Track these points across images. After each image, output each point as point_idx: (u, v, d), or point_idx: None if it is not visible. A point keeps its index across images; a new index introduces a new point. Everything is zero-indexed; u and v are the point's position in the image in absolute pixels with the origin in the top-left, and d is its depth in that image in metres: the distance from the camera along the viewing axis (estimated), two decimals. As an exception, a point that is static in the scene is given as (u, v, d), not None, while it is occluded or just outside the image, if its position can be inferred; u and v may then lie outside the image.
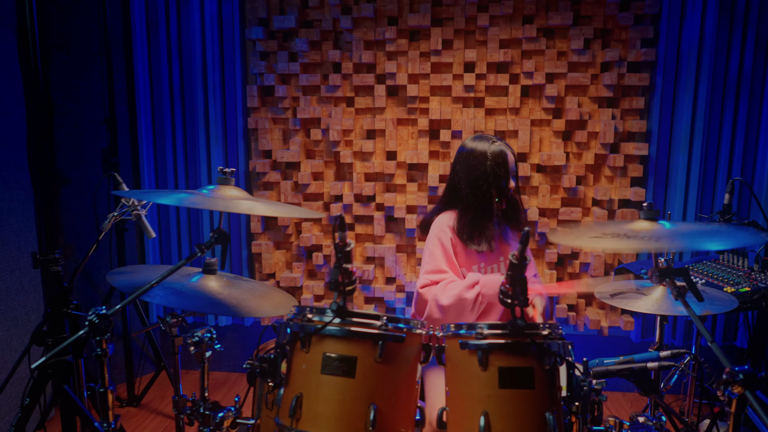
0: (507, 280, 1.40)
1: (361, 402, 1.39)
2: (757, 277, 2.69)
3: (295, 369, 1.46)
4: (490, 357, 1.40)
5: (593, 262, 3.23)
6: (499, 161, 2.13)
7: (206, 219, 3.47)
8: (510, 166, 2.15)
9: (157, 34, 3.34)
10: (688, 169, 3.15)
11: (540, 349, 1.40)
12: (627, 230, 1.51)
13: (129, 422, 3.09)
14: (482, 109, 3.22)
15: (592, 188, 3.25)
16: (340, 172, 3.40)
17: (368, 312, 1.48)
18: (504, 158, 2.14)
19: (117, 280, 1.76)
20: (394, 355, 1.44)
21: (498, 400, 1.39)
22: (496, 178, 2.13)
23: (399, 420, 1.45)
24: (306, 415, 1.40)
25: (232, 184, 1.57)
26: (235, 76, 3.34)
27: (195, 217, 3.49)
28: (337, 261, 1.39)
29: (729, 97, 3.10)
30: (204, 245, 1.51)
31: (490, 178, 2.12)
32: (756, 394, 1.18)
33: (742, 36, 3.06)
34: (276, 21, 3.21)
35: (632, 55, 3.08)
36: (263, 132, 3.36)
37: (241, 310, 1.75)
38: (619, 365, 1.71)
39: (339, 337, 1.42)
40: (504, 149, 2.15)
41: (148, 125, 3.42)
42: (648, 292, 1.91)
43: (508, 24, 3.12)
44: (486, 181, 2.12)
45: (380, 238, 3.39)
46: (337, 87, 3.26)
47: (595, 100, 3.16)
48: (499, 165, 2.13)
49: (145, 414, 3.17)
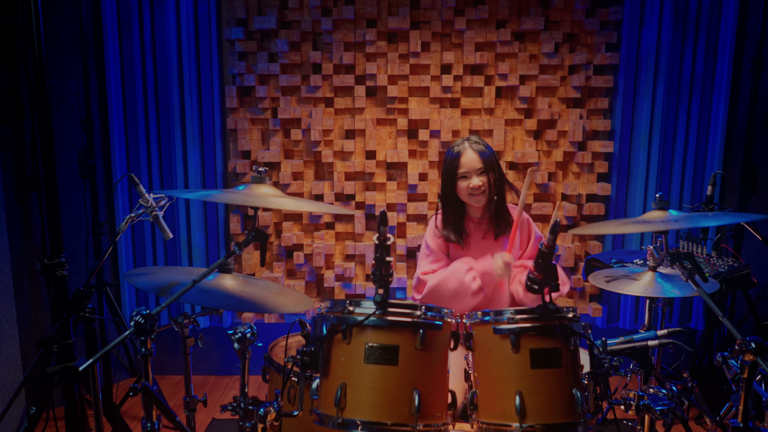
0: (535, 267, 1.51)
1: (404, 388, 1.46)
2: (716, 263, 2.94)
3: (335, 360, 1.52)
4: (521, 340, 1.51)
5: (564, 253, 3.42)
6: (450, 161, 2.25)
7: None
8: (467, 165, 2.22)
9: (130, 34, 3.27)
10: (648, 164, 3.39)
11: (566, 330, 1.52)
12: (643, 219, 1.65)
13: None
14: (458, 110, 3.34)
15: (561, 184, 3.44)
16: (320, 172, 3.44)
17: (406, 302, 1.55)
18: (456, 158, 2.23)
19: (138, 281, 1.75)
20: (432, 343, 1.52)
21: (530, 380, 1.50)
22: (451, 179, 2.26)
23: (436, 404, 1.53)
24: (351, 404, 1.46)
25: (266, 182, 1.60)
26: (212, 76, 3.32)
27: (169, 210, 3.44)
28: (380, 254, 1.45)
29: (683, 98, 3.35)
30: (242, 243, 1.53)
31: (449, 178, 2.26)
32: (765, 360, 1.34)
33: (694, 41, 3.32)
34: (256, 21, 3.21)
35: (598, 59, 3.29)
36: (242, 132, 3.35)
37: (267, 306, 1.78)
38: (621, 345, 1.86)
39: (381, 327, 1.48)
40: (461, 149, 2.24)
41: (120, 126, 3.34)
42: (639, 278, 2.08)
43: (483, 28, 3.26)
44: (448, 182, 2.26)
45: (360, 236, 3.45)
46: (318, 87, 3.30)
47: (563, 100, 3.35)
48: (449, 167, 2.25)
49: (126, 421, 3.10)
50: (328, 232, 3.45)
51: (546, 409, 1.48)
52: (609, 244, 3.50)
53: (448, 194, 2.29)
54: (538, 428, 1.47)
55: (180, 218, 3.41)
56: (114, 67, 3.27)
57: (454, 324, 1.63)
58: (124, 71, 3.31)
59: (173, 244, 3.45)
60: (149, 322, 1.39)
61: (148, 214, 1.77)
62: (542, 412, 1.48)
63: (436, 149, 3.35)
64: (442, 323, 1.53)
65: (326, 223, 3.44)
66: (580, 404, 1.48)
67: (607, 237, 3.49)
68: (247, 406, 1.50)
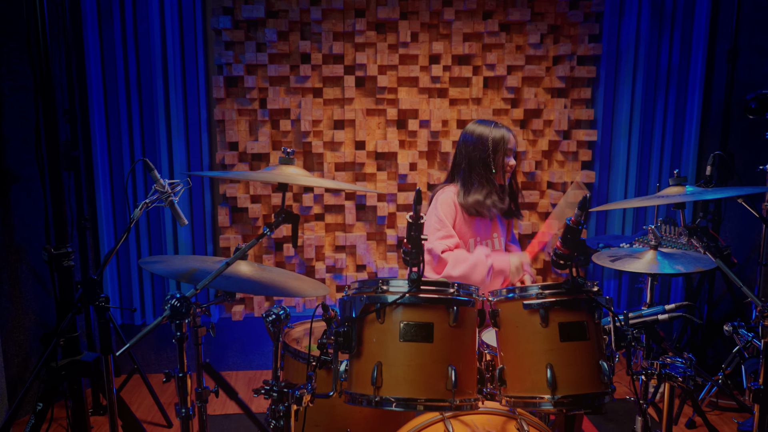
0: (563, 243, 1.55)
1: (440, 364, 1.48)
2: (697, 244, 3.05)
3: (367, 340, 1.52)
4: (550, 314, 1.54)
5: (551, 240, 3.49)
6: (499, 143, 2.36)
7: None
8: (512, 144, 2.41)
9: (111, 22, 3.18)
10: (628, 152, 3.50)
11: (592, 303, 1.56)
12: (662, 195, 1.71)
13: (100, 430, 2.94)
14: (447, 100, 3.38)
15: (547, 172, 3.51)
16: (310, 163, 3.42)
17: (438, 280, 1.57)
18: (504, 140, 2.38)
19: (155, 268, 1.71)
20: (465, 319, 1.54)
21: (560, 353, 1.54)
22: (495, 158, 2.38)
23: (469, 381, 1.55)
24: (388, 382, 1.46)
25: (294, 164, 1.59)
26: (197, 66, 3.25)
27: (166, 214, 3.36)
28: (414, 233, 1.46)
29: (661, 87, 3.48)
30: (273, 224, 1.52)
31: (498, 152, 2.38)
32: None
33: (670, 33, 3.45)
34: (244, 10, 3.17)
35: (581, 50, 3.37)
36: (230, 123, 3.30)
37: (290, 291, 1.77)
38: (632, 320, 1.92)
39: (416, 304, 1.49)
40: (505, 133, 2.37)
41: (102, 118, 3.24)
42: (641, 256, 2.16)
43: (471, 19, 3.30)
44: (494, 155, 2.37)
45: (350, 227, 3.45)
46: (306, 77, 3.28)
47: (549, 90, 3.43)
48: (499, 146, 2.37)
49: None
50: (318, 224, 3.43)
51: (576, 381, 1.52)
52: (592, 230, 3.60)
53: (488, 167, 2.37)
54: (568, 399, 1.51)
55: (165, 211, 3.33)
56: (95, 57, 3.17)
57: (481, 302, 1.65)
58: (105, 61, 3.21)
59: (158, 237, 3.37)
60: (185, 305, 1.36)
61: (164, 200, 1.72)
62: (572, 384, 1.52)
63: (425, 139, 3.38)
64: (474, 300, 1.56)
65: (316, 214, 3.42)
66: (607, 375, 1.53)
67: (591, 224, 3.59)
68: (281, 388, 1.48)
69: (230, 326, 3.56)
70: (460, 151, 2.45)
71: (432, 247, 2.33)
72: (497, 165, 2.39)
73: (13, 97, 2.92)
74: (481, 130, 2.41)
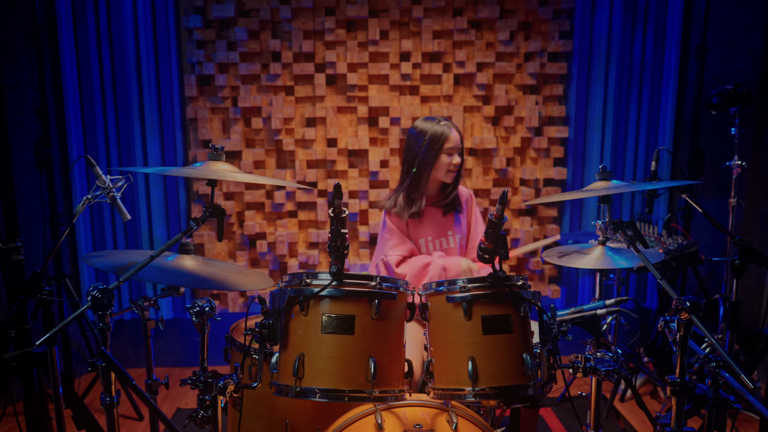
0: (486, 237, 1.56)
1: (361, 356, 1.50)
2: (666, 241, 3.06)
3: (293, 333, 1.55)
4: (473, 307, 1.56)
5: (523, 236, 3.51)
6: (437, 139, 2.34)
7: (142, 198, 3.40)
8: (453, 143, 2.36)
9: (85, 22, 3.23)
10: (602, 148, 3.50)
11: (516, 297, 1.58)
12: (588, 189, 1.72)
13: (71, 424, 2.99)
14: (418, 97, 3.39)
15: (519, 169, 3.52)
16: (282, 160, 3.46)
17: (361, 273, 1.59)
18: (444, 136, 2.35)
19: (97, 262, 1.75)
20: (388, 313, 1.56)
21: (482, 346, 1.55)
22: (432, 155, 2.35)
23: (392, 372, 1.58)
24: (309, 373, 1.49)
25: (222, 159, 1.62)
26: (170, 65, 3.30)
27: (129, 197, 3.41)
28: (335, 226, 1.49)
29: (634, 84, 3.48)
30: (200, 219, 1.55)
31: (433, 151, 2.34)
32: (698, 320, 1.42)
33: (643, 30, 3.44)
34: (214, 10, 3.21)
35: (552, 46, 3.38)
36: (202, 121, 3.34)
37: (228, 284, 1.80)
38: (571, 315, 1.93)
39: (338, 297, 1.52)
40: (446, 129, 2.36)
41: (77, 116, 3.30)
42: (589, 252, 2.16)
43: (441, 16, 3.32)
44: (429, 154, 2.34)
45: (323, 224, 3.48)
46: (278, 76, 3.31)
47: (520, 87, 3.44)
48: (437, 142, 2.34)
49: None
50: (291, 221, 3.47)
51: (497, 373, 1.54)
52: (567, 226, 3.60)
53: (425, 167, 2.36)
54: (489, 391, 1.53)
55: (141, 209, 3.38)
56: (69, 56, 3.23)
57: (410, 296, 1.67)
58: (80, 60, 3.26)
59: (134, 235, 3.42)
60: (106, 297, 1.40)
61: (105, 195, 1.76)
62: (493, 376, 1.54)
63: (397, 136, 3.40)
64: (397, 293, 1.58)
65: (289, 211, 3.46)
66: (530, 368, 1.55)
67: (564, 220, 3.60)
68: (206, 378, 1.51)
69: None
70: (404, 147, 2.44)
71: (387, 260, 2.36)
72: (436, 160, 2.35)
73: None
74: (423, 126, 2.37)
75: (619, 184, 1.69)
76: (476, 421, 1.73)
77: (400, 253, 2.35)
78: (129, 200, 3.39)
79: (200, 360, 1.56)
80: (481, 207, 3.50)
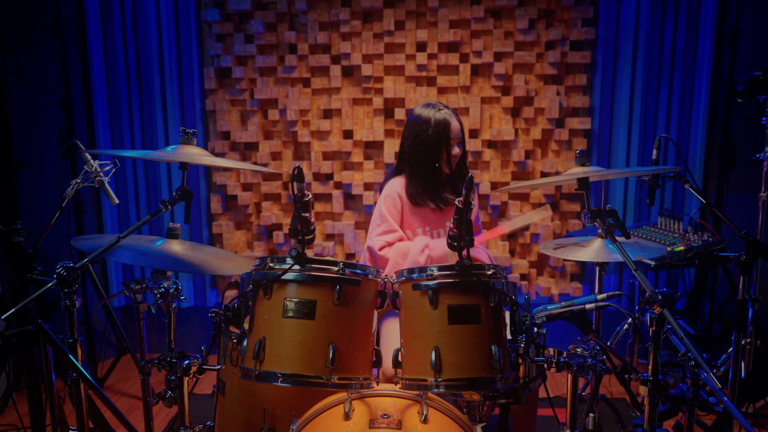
0: (453, 224, 1.51)
1: (321, 341, 1.49)
2: (691, 238, 2.90)
3: (258, 317, 1.55)
4: (440, 296, 1.52)
5: (543, 232, 3.40)
6: (441, 128, 2.26)
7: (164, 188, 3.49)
8: (454, 133, 2.28)
9: (111, 16, 3.34)
10: (629, 141, 3.35)
11: (485, 287, 1.52)
12: (565, 175, 1.65)
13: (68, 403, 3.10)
14: (434, 88, 3.34)
15: (540, 162, 3.41)
16: (298, 152, 3.48)
17: (326, 258, 1.58)
18: (446, 125, 2.27)
19: (82, 244, 1.81)
20: (351, 299, 1.54)
21: (447, 335, 1.51)
22: (437, 144, 2.28)
23: (357, 360, 1.55)
24: (269, 357, 1.49)
25: (194, 143, 1.64)
26: (191, 58, 3.37)
27: (153, 186, 3.51)
28: (296, 210, 1.48)
29: (664, 73, 3.30)
30: (168, 202, 1.58)
31: (431, 144, 2.26)
32: (672, 313, 1.33)
33: (675, 16, 3.26)
34: (232, 3, 3.26)
35: (574, 34, 3.25)
36: (221, 113, 3.41)
37: (205, 269, 1.82)
38: (560, 309, 1.85)
39: (299, 282, 1.51)
40: (448, 117, 2.28)
41: (104, 108, 3.42)
42: (587, 245, 2.07)
43: (457, 5, 3.25)
44: (428, 147, 2.27)
45: (339, 215, 3.48)
46: (294, 68, 3.33)
47: (540, 77, 3.33)
48: (441, 132, 2.27)
49: (109, 395, 3.18)
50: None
51: (462, 364, 1.49)
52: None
53: (434, 158, 2.29)
54: (452, 382, 1.48)
55: (163, 197, 3.48)
56: (97, 50, 3.35)
57: (381, 283, 1.64)
58: (107, 54, 3.39)
59: (156, 225, 3.52)
60: (72, 275, 1.44)
61: (93, 179, 1.82)
62: (458, 367, 1.49)
63: (413, 128, 3.35)
64: (362, 279, 1.55)
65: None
66: (498, 360, 1.49)
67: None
68: (171, 359, 1.54)
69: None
70: (404, 135, 2.36)
71: (371, 245, 2.30)
72: (440, 149, 2.28)
73: (18, 90, 3.13)
74: (424, 112, 2.30)
75: (597, 169, 1.60)
76: (450, 413, 1.68)
77: (385, 239, 2.29)
78: (153, 191, 3.50)
79: (168, 341, 1.58)
80: (498, 200, 3.41)
